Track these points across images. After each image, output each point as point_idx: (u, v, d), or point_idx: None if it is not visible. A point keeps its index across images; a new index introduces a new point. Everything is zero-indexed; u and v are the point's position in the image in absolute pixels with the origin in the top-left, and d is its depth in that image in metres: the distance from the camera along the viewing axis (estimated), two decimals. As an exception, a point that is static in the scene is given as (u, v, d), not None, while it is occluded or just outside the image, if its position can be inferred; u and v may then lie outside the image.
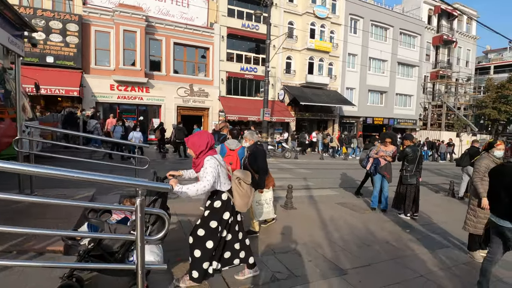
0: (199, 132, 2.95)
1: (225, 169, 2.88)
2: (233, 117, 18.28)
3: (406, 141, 5.74)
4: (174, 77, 18.63)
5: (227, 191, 2.85)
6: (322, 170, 12.85)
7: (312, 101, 20.74)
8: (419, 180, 5.68)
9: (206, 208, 2.88)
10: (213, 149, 2.84)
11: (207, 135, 2.85)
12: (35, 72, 14.90)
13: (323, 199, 7.18)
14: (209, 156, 2.74)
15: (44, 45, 15.25)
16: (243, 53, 20.70)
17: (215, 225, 2.80)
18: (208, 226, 2.79)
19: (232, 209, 2.87)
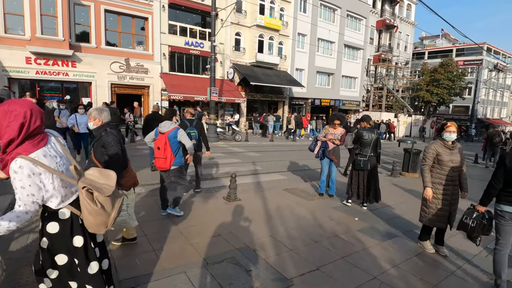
0: (10, 101, 1.62)
1: (66, 166, 1.75)
2: (177, 96, 16.80)
3: (363, 122, 5.32)
4: (107, 50, 16.30)
5: (72, 204, 1.78)
6: (271, 152, 12.43)
7: (263, 81, 20.09)
8: (378, 166, 5.25)
9: (42, 235, 1.81)
10: (37, 138, 1.64)
11: (23, 108, 1.58)
12: None
13: (270, 185, 6.65)
14: (20, 156, 1.53)
15: None
16: (187, 26, 18.92)
17: (66, 260, 1.82)
18: (56, 265, 1.82)
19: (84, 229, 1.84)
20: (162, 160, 4.14)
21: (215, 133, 14.37)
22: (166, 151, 4.11)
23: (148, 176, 6.81)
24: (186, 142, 4.25)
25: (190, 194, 5.63)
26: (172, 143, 4.15)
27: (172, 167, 4.21)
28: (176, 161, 4.21)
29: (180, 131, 4.25)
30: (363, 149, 5.09)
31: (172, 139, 4.17)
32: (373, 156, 5.14)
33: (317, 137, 5.81)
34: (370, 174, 5.09)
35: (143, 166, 7.50)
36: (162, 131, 4.22)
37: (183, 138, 4.24)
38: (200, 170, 5.96)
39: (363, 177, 5.12)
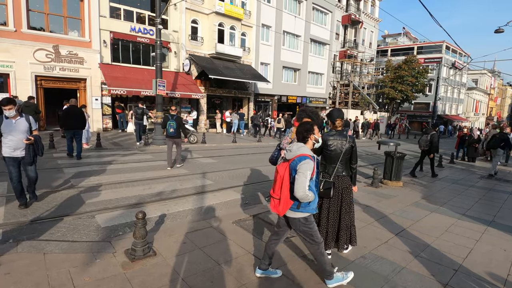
0: None
1: None
2: (119, 90, 14.16)
3: (338, 120, 3.33)
4: (30, 34, 13.24)
5: None
6: (230, 158, 10.49)
7: (224, 74, 18.02)
8: (354, 190, 3.40)
9: None
10: None
11: None
12: None
13: (217, 213, 4.73)
14: None
15: None
16: (134, 9, 16.26)
17: None
18: None
19: None
20: (275, 201, 2.62)
21: (163, 134, 12.05)
22: (282, 189, 2.50)
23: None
24: (297, 186, 2.41)
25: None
26: (292, 179, 2.50)
27: (291, 214, 2.59)
28: (303, 206, 2.54)
29: (305, 162, 2.44)
30: (328, 165, 3.27)
31: (292, 171, 2.50)
32: (345, 176, 3.32)
33: (280, 144, 3.98)
34: (340, 203, 3.29)
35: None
36: (287, 157, 2.58)
37: (301, 173, 2.42)
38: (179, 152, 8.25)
39: (328, 209, 3.28)
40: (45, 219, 4.17)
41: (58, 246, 3.26)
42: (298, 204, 2.50)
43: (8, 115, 4.16)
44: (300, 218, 2.58)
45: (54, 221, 4.13)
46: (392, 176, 7.07)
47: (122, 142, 12.15)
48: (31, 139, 4.24)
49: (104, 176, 6.65)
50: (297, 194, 2.38)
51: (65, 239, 3.62)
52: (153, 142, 11.94)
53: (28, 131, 4.34)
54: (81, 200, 5.03)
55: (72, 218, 4.26)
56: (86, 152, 9.81)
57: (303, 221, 2.59)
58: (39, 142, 4.41)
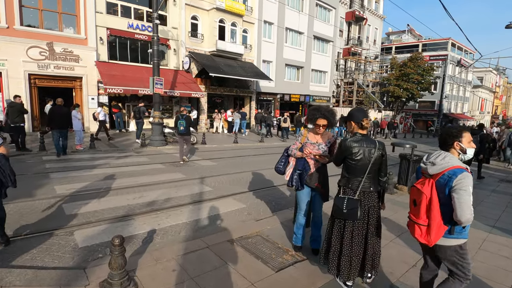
0: None
1: None
2: (116, 89, 13.60)
3: (351, 123, 2.67)
4: (22, 31, 12.69)
5: None
6: (231, 160, 9.90)
7: (225, 72, 17.42)
8: (382, 208, 2.75)
9: None
10: None
11: None
12: None
13: (215, 228, 4.14)
14: None
15: None
16: (131, 5, 15.68)
17: None
18: None
19: None
20: (420, 228, 2.09)
21: (161, 135, 11.51)
22: (432, 212, 1.99)
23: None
24: (462, 207, 1.91)
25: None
26: (443, 199, 2.00)
27: (444, 242, 2.09)
28: (457, 230, 2.07)
29: (463, 176, 1.95)
30: (351, 178, 2.61)
31: (443, 189, 2.00)
32: (372, 192, 2.62)
33: (288, 150, 3.38)
34: (366, 225, 2.61)
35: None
36: (430, 171, 2.09)
37: (462, 191, 1.93)
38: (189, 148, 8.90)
39: (352, 232, 2.61)
40: (16, 236, 3.61)
41: (20, 275, 2.69)
42: (451, 228, 2.02)
43: None
44: (455, 246, 2.08)
45: (26, 239, 3.57)
46: (407, 180, 6.45)
47: (118, 143, 11.60)
48: None
49: (92, 183, 6.09)
50: (463, 218, 1.88)
51: (33, 263, 3.05)
52: (150, 143, 11.37)
53: None
54: (62, 212, 4.47)
55: (47, 235, 3.69)
56: (78, 154, 9.28)
57: (459, 249, 2.08)
58: (5, 170, 2.99)
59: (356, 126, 2.64)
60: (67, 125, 8.77)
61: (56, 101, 8.78)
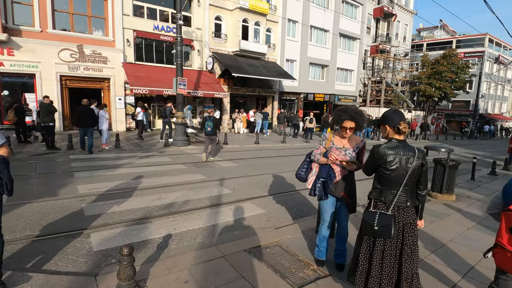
0: None
1: None
2: (141, 90, 13.88)
3: (385, 127, 2.35)
4: (55, 34, 13.30)
5: None
6: (253, 161, 9.71)
7: (248, 72, 17.29)
8: (419, 226, 2.35)
9: None
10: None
11: None
12: None
13: (232, 237, 3.93)
14: None
15: None
16: (157, 7, 15.97)
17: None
18: None
19: None
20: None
21: (184, 135, 11.55)
22: None
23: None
24: None
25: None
26: None
27: None
28: None
29: None
30: (385, 190, 2.27)
31: None
32: (409, 207, 2.26)
33: (311, 155, 3.10)
34: (400, 245, 2.27)
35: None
36: None
37: None
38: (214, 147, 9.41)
39: (382, 252, 2.28)
40: (35, 237, 3.62)
41: (32, 280, 2.63)
42: None
43: None
44: None
45: (43, 240, 3.56)
46: (443, 188, 5.91)
47: (142, 143, 11.80)
48: None
49: (114, 183, 6.12)
50: None
51: (47, 267, 3.01)
52: (173, 143, 11.45)
53: None
54: (81, 213, 4.47)
55: (64, 237, 3.67)
56: (104, 153, 9.49)
57: None
58: (2, 176, 2.35)
59: (391, 131, 2.30)
60: (91, 124, 9.24)
61: (82, 101, 9.20)
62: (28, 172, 6.70)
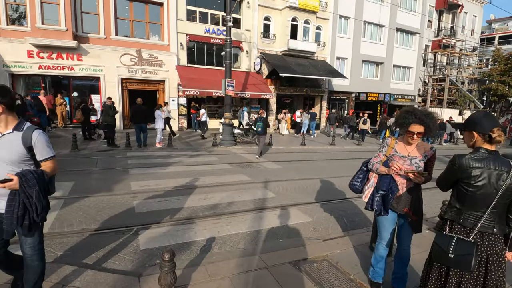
0: None
1: None
2: (192, 91, 14.41)
3: (472, 134, 1.89)
4: (117, 40, 14.47)
5: None
6: (298, 164, 9.38)
7: (296, 72, 16.93)
8: (507, 257, 1.85)
9: None
10: None
11: None
12: None
13: (276, 246, 3.71)
14: None
15: None
16: (208, 10, 16.46)
17: None
18: None
19: None
20: None
21: (231, 135, 11.67)
22: None
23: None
24: None
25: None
26: None
27: None
28: None
29: None
30: (466, 211, 1.86)
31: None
32: (496, 235, 1.83)
33: (368, 164, 2.73)
34: (482, 279, 1.85)
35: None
36: None
37: None
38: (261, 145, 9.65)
39: (458, 285, 1.87)
40: (89, 232, 3.82)
41: (82, 275, 2.73)
42: None
43: None
44: None
45: (96, 235, 3.74)
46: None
47: (192, 142, 12.20)
48: (8, 180, 1.87)
49: (164, 181, 6.34)
50: None
51: (97, 263, 3.13)
52: (220, 143, 11.64)
53: (23, 160, 2.03)
54: (132, 209, 4.66)
55: (115, 233, 3.82)
56: (157, 151, 9.99)
57: None
58: (31, 194, 1.94)
59: (480, 139, 1.86)
60: (145, 121, 10.18)
61: (137, 100, 10.08)
62: (90, 168, 7.29)
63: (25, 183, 1.91)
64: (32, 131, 2.04)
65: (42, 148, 2.08)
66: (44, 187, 2.04)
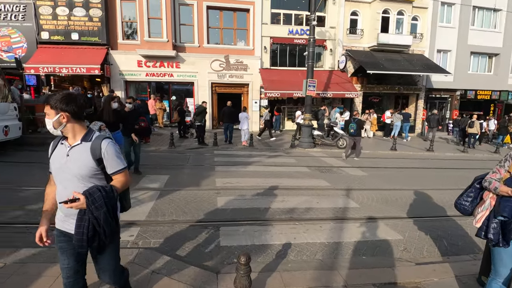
0: None
1: None
2: (274, 93, 14.63)
3: None
4: (208, 48, 15.79)
5: None
6: (385, 171, 8.49)
7: (386, 68, 15.45)
8: None
9: None
10: None
11: None
12: (60, 51, 13.96)
13: (358, 263, 3.38)
14: None
15: (68, 20, 14.04)
16: (292, 11, 16.47)
17: None
18: None
19: None
20: None
21: (310, 137, 11.37)
22: None
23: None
24: None
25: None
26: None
27: None
28: None
29: None
30: None
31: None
32: None
33: (483, 181, 2.20)
34: None
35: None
36: None
37: None
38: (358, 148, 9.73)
39: None
40: (176, 222, 4.21)
41: (167, 264, 2.99)
42: None
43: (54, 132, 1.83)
44: None
45: (183, 226, 4.09)
46: None
47: (271, 143, 12.40)
48: (75, 200, 1.74)
49: (245, 179, 6.58)
50: None
51: (181, 253, 3.40)
52: (299, 144, 11.48)
53: (94, 174, 1.86)
54: (216, 205, 4.95)
55: (199, 226, 4.12)
56: (239, 150, 10.50)
57: None
58: (98, 216, 1.77)
59: None
60: (232, 121, 11.44)
61: (227, 103, 11.61)
62: (183, 163, 8.12)
63: (92, 204, 1.73)
64: (101, 140, 1.86)
65: (112, 160, 1.87)
66: (113, 205, 1.84)
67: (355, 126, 9.39)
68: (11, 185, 5.39)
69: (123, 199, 2.04)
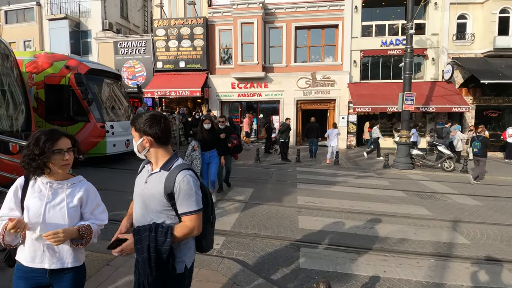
0: None
1: None
2: (363, 108, 13.76)
3: None
4: (295, 67, 16.11)
5: None
6: (509, 201, 6.84)
7: (506, 77, 12.79)
8: None
9: None
10: None
11: None
12: (170, 77, 16.51)
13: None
14: None
15: (177, 51, 16.53)
16: (385, 22, 15.44)
17: None
18: None
19: None
20: None
21: (407, 156, 10.15)
22: None
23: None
24: None
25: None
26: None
27: None
28: None
29: None
30: None
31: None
32: None
33: None
34: None
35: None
36: None
37: None
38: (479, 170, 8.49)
39: None
40: (257, 236, 4.29)
41: (249, 279, 3.05)
42: None
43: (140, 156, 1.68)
44: None
45: (264, 241, 4.14)
46: None
47: (361, 162, 11.61)
48: (122, 241, 1.55)
49: (328, 200, 6.29)
50: None
51: (261, 268, 3.43)
52: (394, 165, 10.38)
53: (165, 209, 1.58)
54: (296, 223, 4.87)
55: (279, 243, 4.10)
56: (323, 168, 10.18)
57: None
58: (141, 268, 1.53)
59: None
60: (317, 136, 11.71)
61: (311, 119, 11.67)
62: (267, 178, 8.35)
63: (136, 243, 1.50)
64: (177, 172, 1.54)
65: (184, 197, 1.52)
66: (159, 254, 1.47)
67: (479, 145, 8.34)
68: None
69: (202, 238, 1.70)
